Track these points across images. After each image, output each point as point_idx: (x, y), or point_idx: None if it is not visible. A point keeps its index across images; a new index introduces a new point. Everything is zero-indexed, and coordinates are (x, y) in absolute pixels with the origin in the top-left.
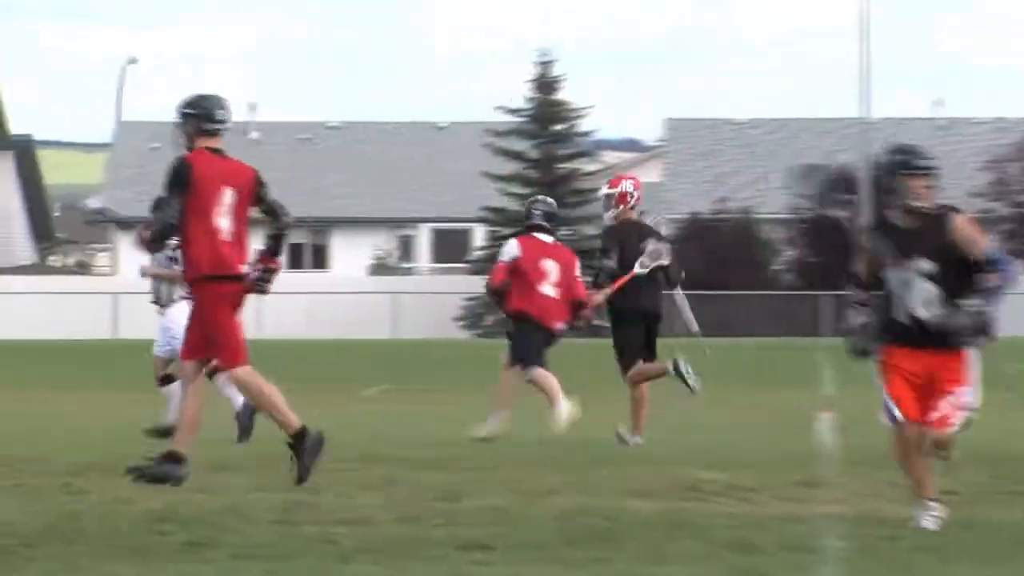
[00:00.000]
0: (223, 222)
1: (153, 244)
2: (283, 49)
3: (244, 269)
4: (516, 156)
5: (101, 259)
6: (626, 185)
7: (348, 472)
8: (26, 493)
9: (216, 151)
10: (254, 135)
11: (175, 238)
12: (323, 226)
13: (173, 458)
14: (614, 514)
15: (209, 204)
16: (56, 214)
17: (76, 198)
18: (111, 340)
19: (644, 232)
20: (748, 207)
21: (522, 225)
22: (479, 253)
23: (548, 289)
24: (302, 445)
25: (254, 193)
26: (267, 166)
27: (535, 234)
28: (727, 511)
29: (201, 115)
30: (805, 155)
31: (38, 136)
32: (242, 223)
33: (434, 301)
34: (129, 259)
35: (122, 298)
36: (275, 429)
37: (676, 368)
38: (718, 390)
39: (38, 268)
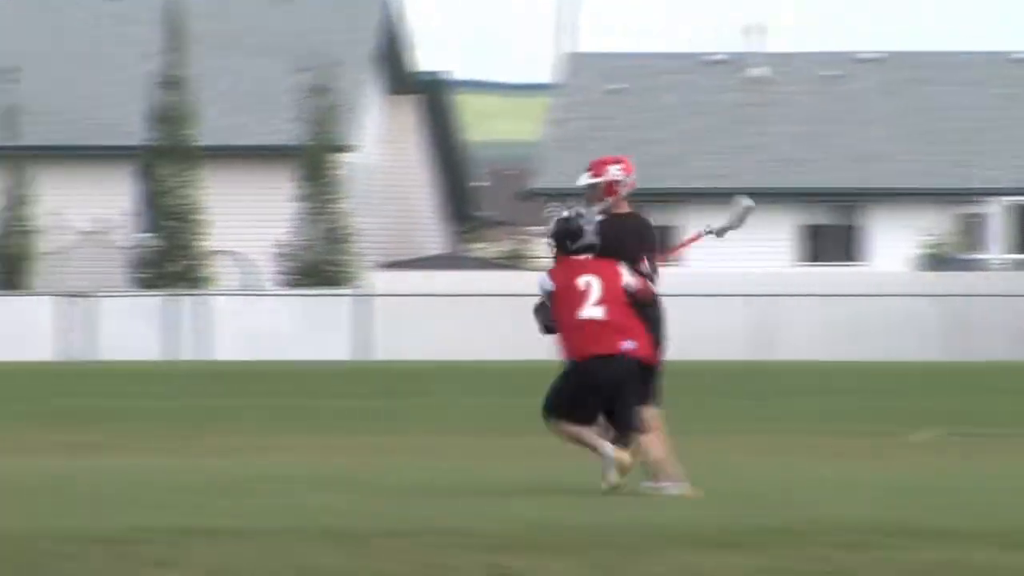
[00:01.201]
0: None
1: None
2: None
3: None
4: None
5: (541, 248)
6: (613, 171)
7: (884, 551)
8: None
9: None
10: (757, 71)
11: None
12: (854, 201)
13: None
14: None
15: None
16: (481, 183)
17: (506, 160)
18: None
19: (644, 230)
20: None
21: (572, 252)
22: None
23: (594, 312)
24: None
25: None
26: (778, 115)
27: (576, 257)
28: None
29: None
30: None
31: (455, 75)
32: None
33: (1012, 308)
34: None
35: None
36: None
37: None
38: None
39: (453, 261)
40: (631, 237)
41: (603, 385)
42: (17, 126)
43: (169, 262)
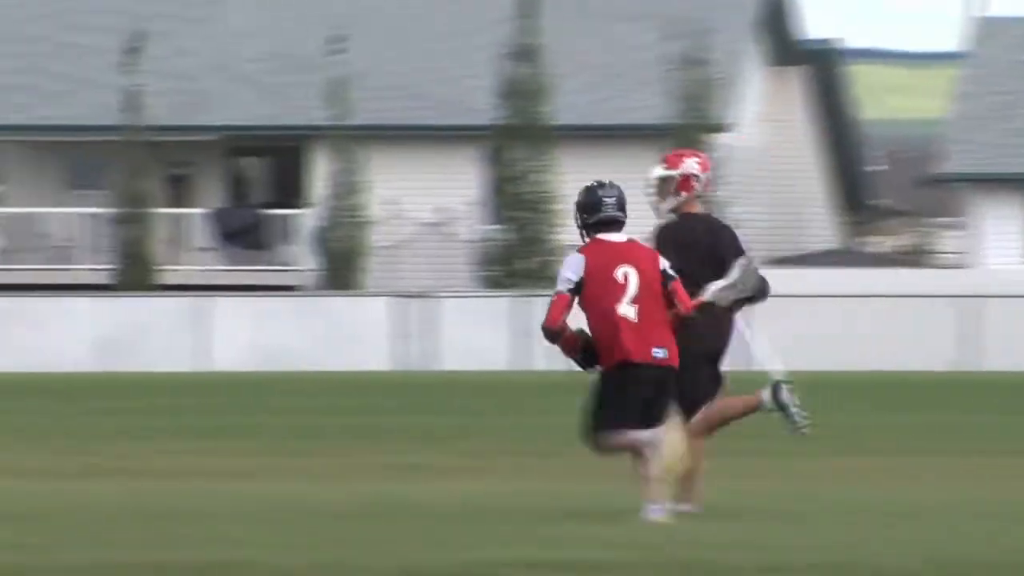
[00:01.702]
0: None
1: None
2: None
3: None
4: None
5: (948, 242)
6: (690, 164)
7: None
8: None
9: None
10: None
11: None
12: None
13: None
14: None
15: None
16: (877, 167)
17: (905, 141)
18: (954, 372)
19: (716, 233)
20: None
21: (589, 226)
22: None
23: (627, 310)
24: None
25: None
26: None
27: (603, 235)
28: None
29: None
30: None
31: (847, 44)
32: None
33: None
34: (1000, 243)
35: (989, 305)
36: None
37: (775, 396)
38: None
39: (845, 256)
40: (706, 239)
41: (640, 392)
42: (346, 103)
43: (520, 258)
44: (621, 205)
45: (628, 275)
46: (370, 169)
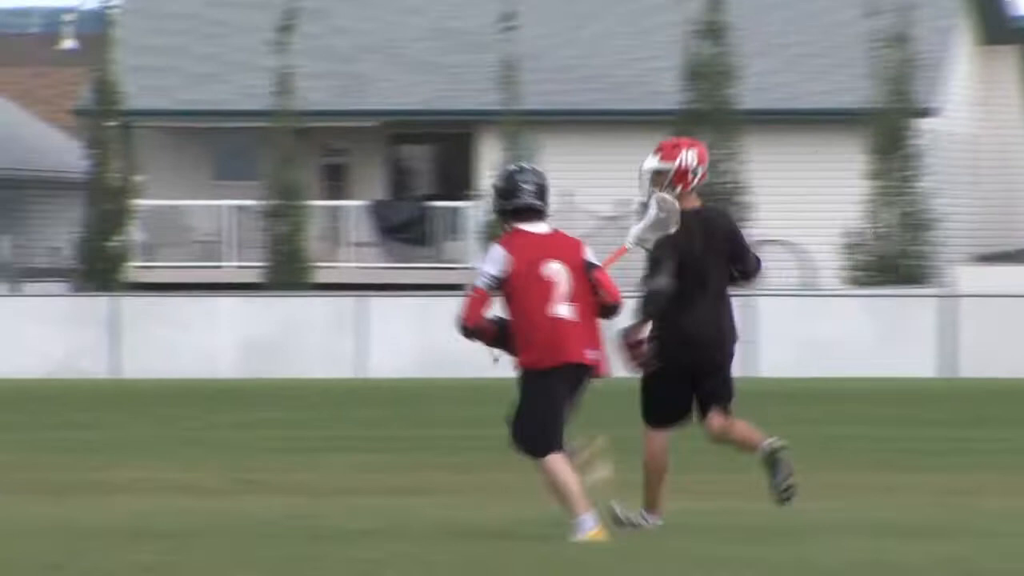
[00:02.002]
0: None
1: None
2: None
3: None
4: None
5: None
6: (688, 157)
7: None
8: None
9: None
10: None
11: None
12: None
13: None
14: None
15: None
16: None
17: None
18: None
19: (714, 227)
20: None
21: (505, 214)
22: None
23: (561, 309)
24: None
25: None
26: None
27: (524, 225)
28: None
29: None
30: None
31: None
32: None
33: None
34: None
35: None
36: None
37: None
38: None
39: None
40: (715, 234)
41: (569, 396)
42: (516, 86)
43: None
44: (541, 193)
45: (557, 271)
46: (543, 158)
